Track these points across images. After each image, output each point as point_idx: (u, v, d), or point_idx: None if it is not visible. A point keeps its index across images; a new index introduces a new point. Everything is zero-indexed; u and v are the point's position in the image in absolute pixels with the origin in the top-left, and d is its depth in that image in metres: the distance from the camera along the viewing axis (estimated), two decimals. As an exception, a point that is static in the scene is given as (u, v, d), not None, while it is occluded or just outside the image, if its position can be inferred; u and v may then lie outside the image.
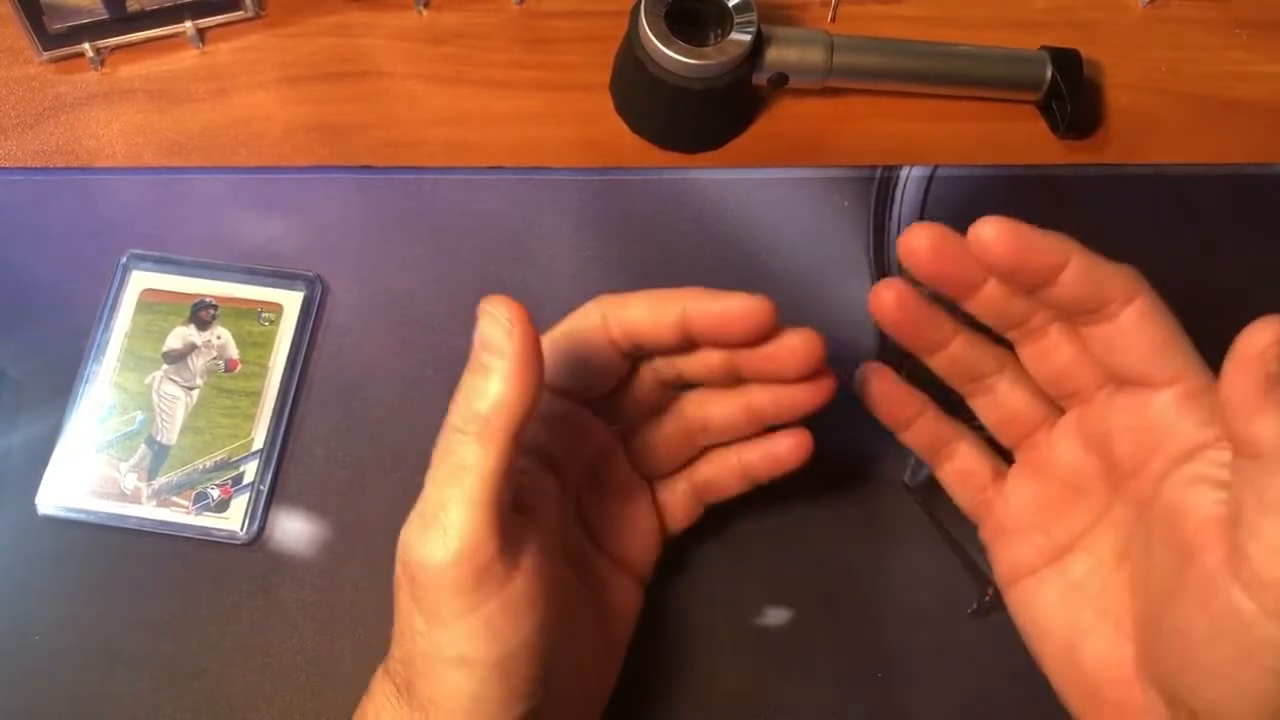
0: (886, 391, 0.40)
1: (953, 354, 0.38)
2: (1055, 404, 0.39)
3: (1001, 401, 0.39)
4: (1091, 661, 0.35)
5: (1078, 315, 0.35)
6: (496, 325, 0.32)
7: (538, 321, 0.51)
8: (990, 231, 0.34)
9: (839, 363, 0.51)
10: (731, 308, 0.36)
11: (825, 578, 0.46)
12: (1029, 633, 0.38)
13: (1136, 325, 0.34)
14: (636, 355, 0.39)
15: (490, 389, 0.32)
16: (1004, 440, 0.40)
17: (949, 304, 0.37)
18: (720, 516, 0.44)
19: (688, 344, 0.37)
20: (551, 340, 0.37)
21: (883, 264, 0.53)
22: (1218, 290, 0.54)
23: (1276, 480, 0.29)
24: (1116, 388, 0.36)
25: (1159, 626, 0.33)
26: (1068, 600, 0.36)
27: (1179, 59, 0.60)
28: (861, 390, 0.41)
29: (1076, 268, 0.33)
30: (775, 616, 0.45)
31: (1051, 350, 0.36)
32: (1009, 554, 0.39)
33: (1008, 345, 0.38)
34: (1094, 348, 0.35)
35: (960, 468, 0.41)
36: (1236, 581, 0.29)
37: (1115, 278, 0.34)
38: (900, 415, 0.41)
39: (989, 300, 0.35)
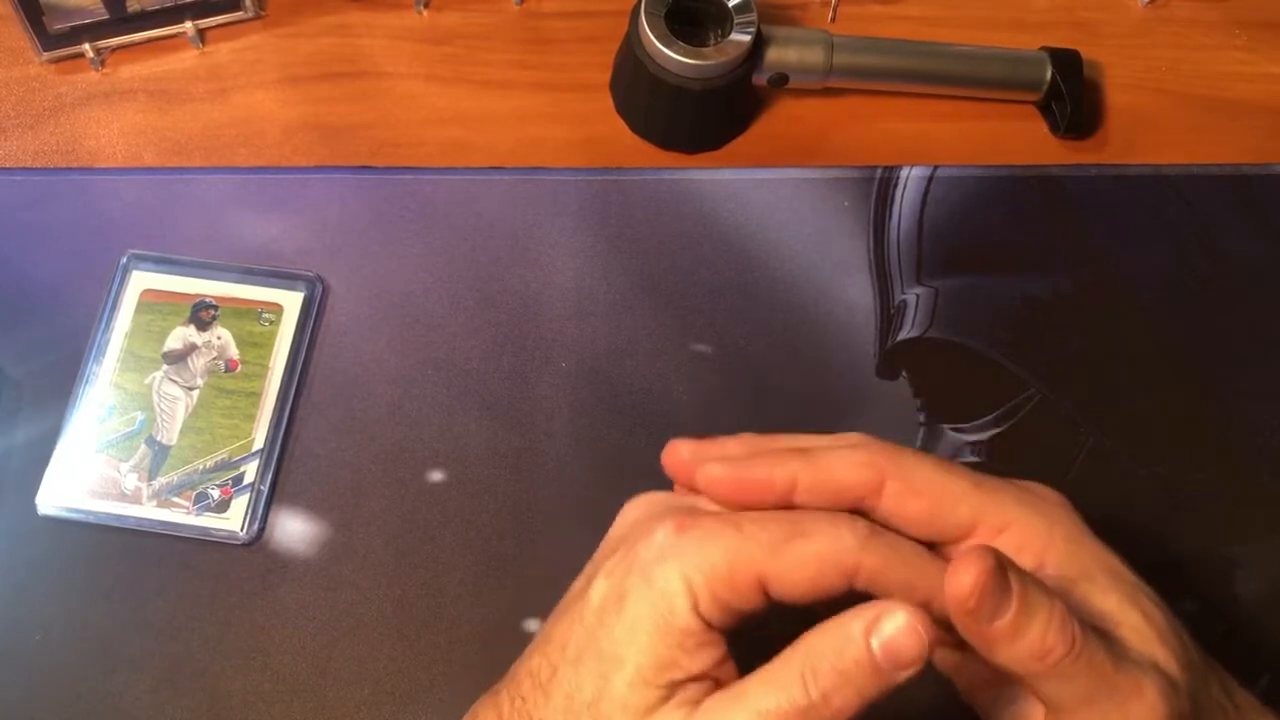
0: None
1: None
2: None
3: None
4: None
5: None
6: (917, 643, 0.29)
7: (536, 322, 0.51)
8: (710, 474, 0.32)
9: (840, 362, 0.51)
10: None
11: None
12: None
13: (897, 509, 0.32)
14: None
15: (848, 702, 0.29)
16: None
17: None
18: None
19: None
20: (801, 560, 0.31)
21: (883, 264, 0.53)
22: (1218, 290, 0.54)
23: (1046, 688, 0.30)
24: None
25: None
26: (1020, 711, 0.34)
27: (1179, 59, 0.60)
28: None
29: (805, 486, 0.32)
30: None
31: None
32: (951, 667, 0.37)
33: None
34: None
35: None
36: None
37: (852, 478, 0.32)
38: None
39: None
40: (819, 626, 0.30)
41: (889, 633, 0.29)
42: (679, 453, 0.34)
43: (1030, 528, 0.32)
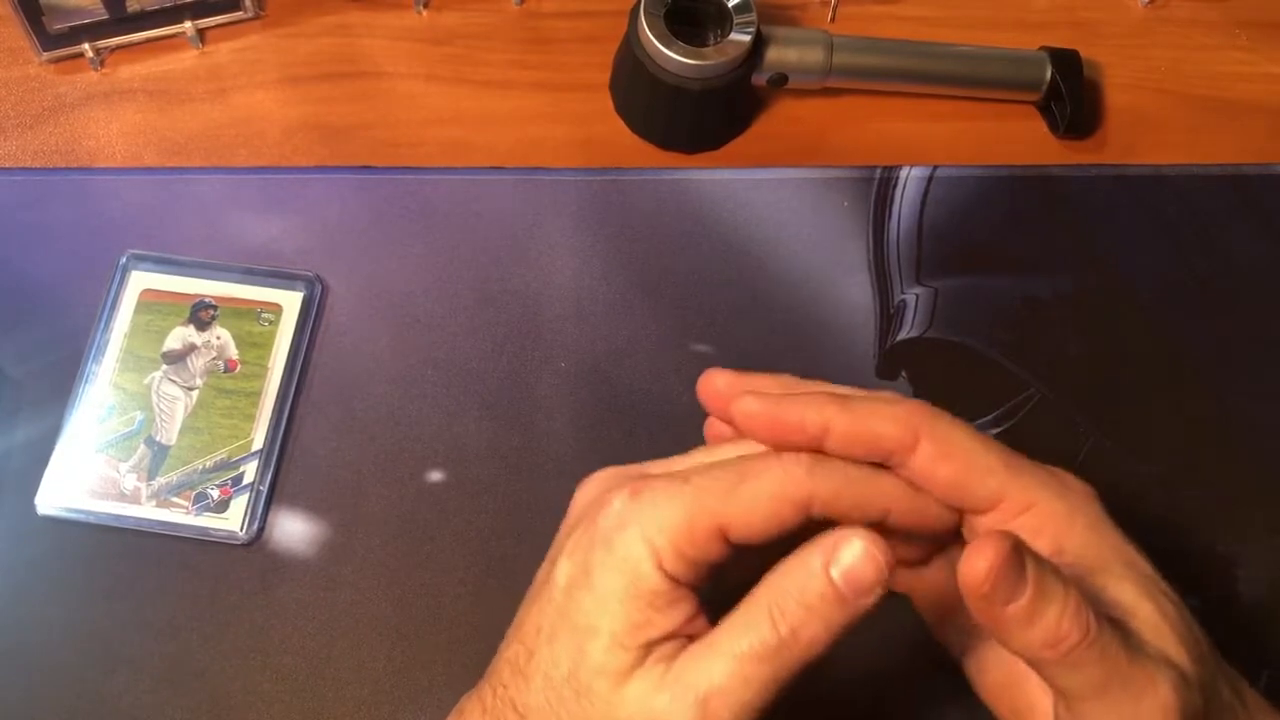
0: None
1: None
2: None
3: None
4: None
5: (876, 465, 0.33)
6: (875, 568, 0.29)
7: (536, 322, 0.51)
8: (746, 408, 0.33)
9: (839, 362, 0.51)
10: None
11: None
12: (989, 705, 0.36)
13: (926, 470, 0.32)
14: None
15: (818, 635, 0.29)
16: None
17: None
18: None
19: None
20: (754, 500, 0.31)
21: (882, 264, 0.53)
22: (1218, 290, 0.54)
23: (1059, 676, 0.30)
24: None
25: None
26: (1010, 676, 0.35)
27: (1179, 59, 0.60)
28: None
29: (840, 432, 0.32)
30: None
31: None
32: (943, 633, 0.37)
33: None
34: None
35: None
36: None
37: (887, 430, 0.32)
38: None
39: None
40: (780, 565, 0.30)
41: (847, 562, 0.29)
42: (715, 382, 0.34)
43: (1053, 511, 0.32)
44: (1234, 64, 0.60)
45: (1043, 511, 0.32)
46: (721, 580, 0.32)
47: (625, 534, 0.31)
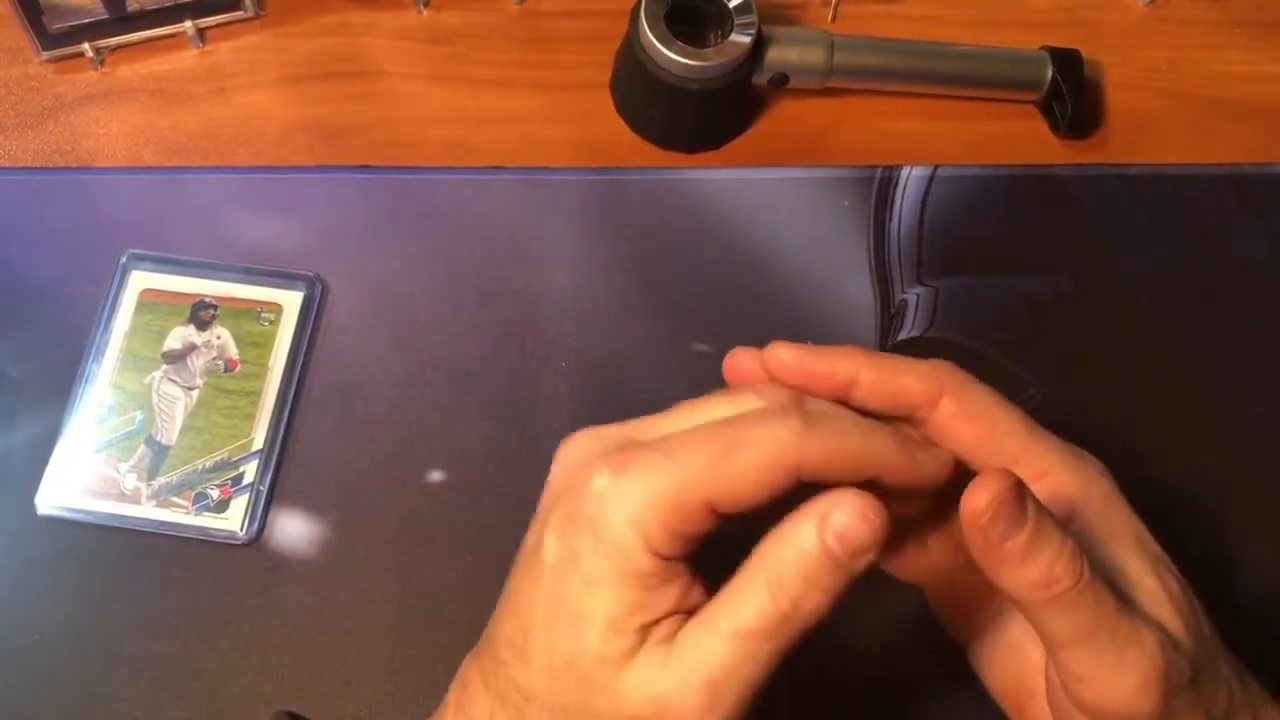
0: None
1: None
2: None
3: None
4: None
5: (899, 419, 0.34)
6: (869, 528, 0.29)
7: (536, 322, 0.51)
8: (778, 355, 0.33)
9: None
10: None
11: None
12: (991, 691, 0.37)
13: (948, 426, 0.33)
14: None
15: (820, 604, 0.29)
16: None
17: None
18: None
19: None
20: (742, 473, 0.30)
21: (883, 264, 0.53)
22: (1218, 290, 0.54)
23: (1047, 620, 0.30)
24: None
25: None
26: (1012, 662, 0.36)
27: (1179, 59, 0.60)
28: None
29: (867, 383, 0.33)
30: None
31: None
32: (952, 620, 0.38)
33: None
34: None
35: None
36: (1067, 695, 0.31)
37: (913, 386, 0.33)
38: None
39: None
40: (773, 534, 0.30)
41: (840, 524, 0.29)
42: (741, 361, 0.34)
43: (1068, 480, 0.33)
44: (1234, 64, 0.60)
45: (1058, 480, 0.32)
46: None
47: (610, 518, 0.30)
